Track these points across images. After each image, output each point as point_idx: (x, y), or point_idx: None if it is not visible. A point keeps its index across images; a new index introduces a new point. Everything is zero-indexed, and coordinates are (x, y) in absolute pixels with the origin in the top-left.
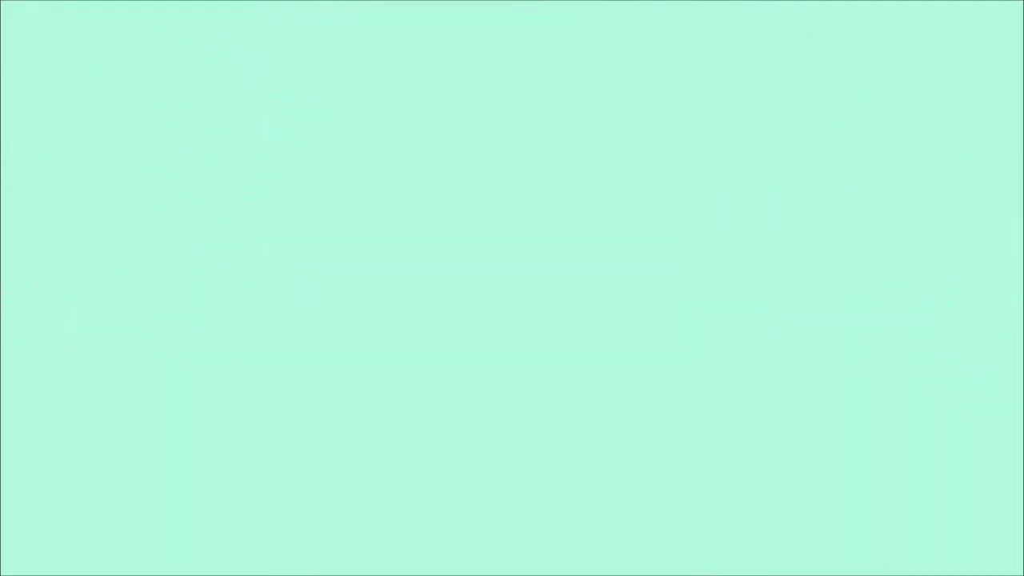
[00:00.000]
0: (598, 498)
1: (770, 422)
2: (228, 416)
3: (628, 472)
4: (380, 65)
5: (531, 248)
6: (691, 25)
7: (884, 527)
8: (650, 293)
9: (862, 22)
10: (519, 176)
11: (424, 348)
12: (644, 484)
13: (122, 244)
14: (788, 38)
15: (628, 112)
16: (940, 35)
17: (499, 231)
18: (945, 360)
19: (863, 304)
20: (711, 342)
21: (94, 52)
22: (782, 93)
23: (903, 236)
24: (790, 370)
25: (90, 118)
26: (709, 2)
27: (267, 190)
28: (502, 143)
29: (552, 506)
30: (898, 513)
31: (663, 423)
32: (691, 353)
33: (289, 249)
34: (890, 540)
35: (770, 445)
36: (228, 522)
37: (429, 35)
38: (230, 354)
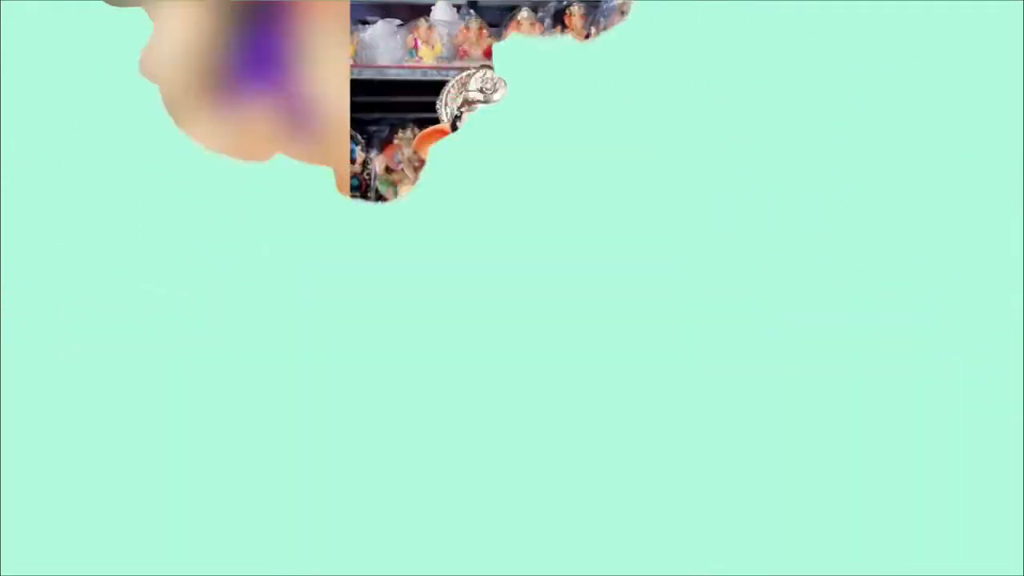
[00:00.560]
0: (598, 498)
1: (770, 422)
2: (228, 416)
3: (628, 472)
4: None
5: (531, 248)
6: (691, 25)
7: (884, 527)
8: (650, 293)
9: (862, 22)
10: (519, 176)
11: (424, 348)
12: (644, 484)
13: (122, 244)
14: (788, 38)
15: (628, 112)
16: (940, 35)
17: (499, 231)
18: (945, 360)
19: (863, 304)
20: (711, 342)
21: (94, 52)
22: (782, 93)
23: (903, 237)
24: (790, 370)
25: (90, 118)
26: (709, 2)
27: (267, 190)
28: (502, 143)
29: (552, 506)
30: (898, 513)
31: (663, 423)
32: (691, 353)
33: (289, 249)
34: (890, 540)
35: (770, 445)
36: (228, 522)
37: None
38: (230, 353)
